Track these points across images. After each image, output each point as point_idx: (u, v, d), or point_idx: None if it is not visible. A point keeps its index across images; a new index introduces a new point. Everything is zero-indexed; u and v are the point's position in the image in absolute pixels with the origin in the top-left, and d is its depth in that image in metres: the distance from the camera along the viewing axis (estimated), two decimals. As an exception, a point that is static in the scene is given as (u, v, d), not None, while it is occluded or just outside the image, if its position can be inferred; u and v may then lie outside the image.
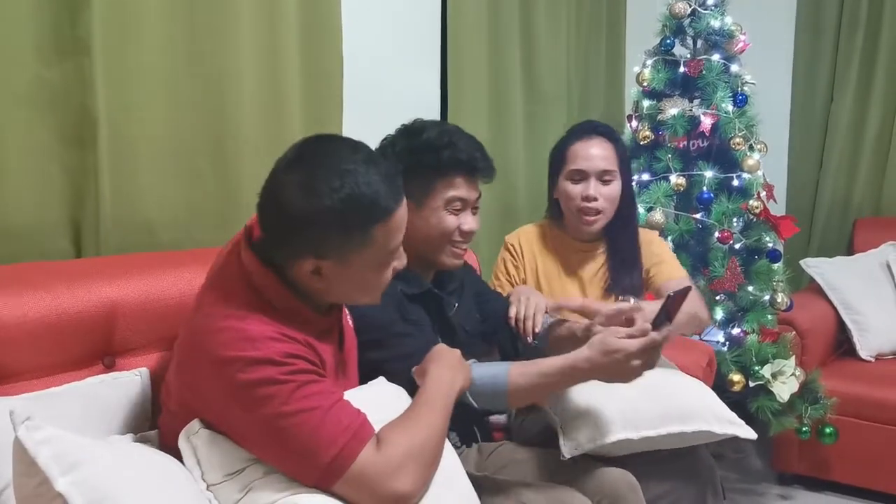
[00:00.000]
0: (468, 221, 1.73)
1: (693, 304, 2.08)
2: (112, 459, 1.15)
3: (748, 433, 1.83)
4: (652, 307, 1.57)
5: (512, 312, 1.89)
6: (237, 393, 1.21)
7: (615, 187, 2.11)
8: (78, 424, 1.34)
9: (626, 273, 2.16)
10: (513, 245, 2.25)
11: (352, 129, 2.40)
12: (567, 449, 1.72)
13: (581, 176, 2.10)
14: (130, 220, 1.85)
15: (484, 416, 1.63)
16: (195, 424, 1.27)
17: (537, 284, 2.19)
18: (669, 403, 1.78)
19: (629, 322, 1.55)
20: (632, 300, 1.74)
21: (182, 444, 1.28)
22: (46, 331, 1.45)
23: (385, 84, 2.63)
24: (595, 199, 2.09)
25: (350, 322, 1.57)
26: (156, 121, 1.89)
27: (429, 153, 1.67)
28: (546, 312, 1.90)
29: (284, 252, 1.29)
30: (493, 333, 1.94)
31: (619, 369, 1.47)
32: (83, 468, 1.08)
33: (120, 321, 1.56)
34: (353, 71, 2.43)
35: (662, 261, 2.22)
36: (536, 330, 1.84)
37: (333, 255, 1.26)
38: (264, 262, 1.30)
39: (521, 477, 1.76)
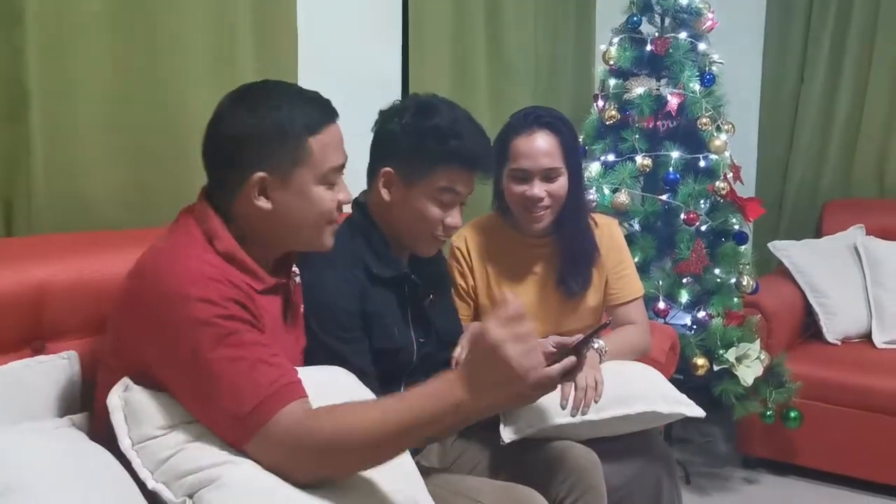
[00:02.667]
0: (455, 217, 1.68)
1: (640, 338, 2.06)
2: (16, 450, 1.11)
3: (696, 412, 1.82)
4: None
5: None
6: (170, 327, 1.20)
7: (561, 182, 1.96)
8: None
9: (578, 267, 2.04)
10: (459, 249, 2.08)
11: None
12: (506, 434, 1.69)
13: (524, 175, 1.95)
14: (67, 198, 1.76)
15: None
16: (126, 380, 1.25)
17: (488, 290, 2.05)
18: (612, 387, 1.75)
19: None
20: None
21: (112, 400, 1.24)
22: (-31, 313, 1.37)
23: (341, 57, 2.54)
24: (540, 199, 1.95)
25: (300, 299, 1.54)
26: (97, 94, 1.81)
27: (434, 138, 1.62)
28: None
29: (230, 180, 1.34)
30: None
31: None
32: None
33: (49, 304, 1.48)
34: (308, 44, 2.34)
35: (624, 275, 2.11)
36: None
37: (275, 170, 1.32)
38: (215, 211, 1.35)
39: (482, 462, 1.75)
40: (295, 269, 1.53)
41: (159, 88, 1.92)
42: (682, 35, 2.88)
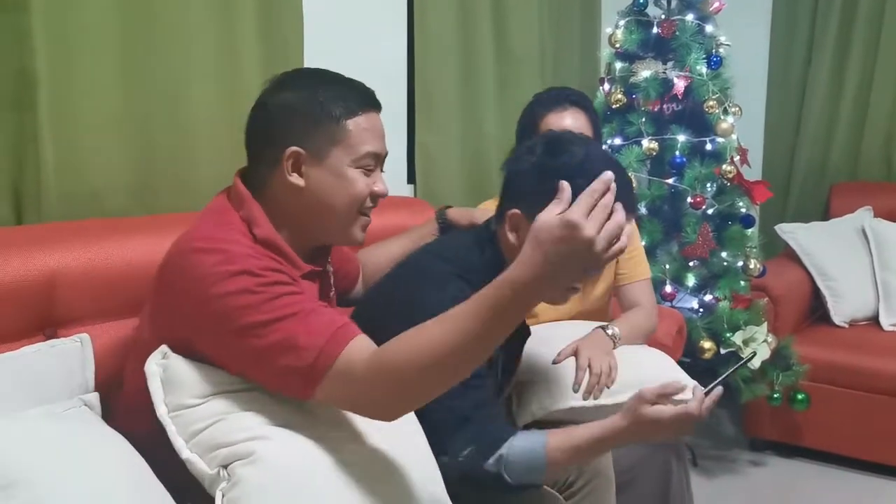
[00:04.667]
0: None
1: (648, 321, 2.08)
2: (20, 441, 1.11)
3: None
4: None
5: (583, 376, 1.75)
6: (215, 303, 1.20)
7: None
8: (6, 394, 1.29)
9: None
10: None
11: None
12: (520, 417, 1.70)
13: None
14: (76, 187, 1.76)
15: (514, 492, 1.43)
16: (164, 348, 1.25)
17: None
18: (625, 372, 1.76)
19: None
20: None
21: (150, 367, 1.24)
22: (-18, 300, 1.38)
23: (347, 49, 2.54)
24: None
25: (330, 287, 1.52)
26: (103, 82, 1.81)
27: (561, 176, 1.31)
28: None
29: (268, 155, 1.35)
30: None
31: (653, 435, 1.39)
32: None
33: (60, 291, 1.49)
34: (314, 33, 2.33)
35: (632, 256, 2.15)
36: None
37: (311, 146, 1.33)
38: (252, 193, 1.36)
39: None
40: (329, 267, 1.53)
41: (166, 78, 1.92)
42: (689, 17, 2.86)
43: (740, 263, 2.81)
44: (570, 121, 1.98)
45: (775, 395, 2.80)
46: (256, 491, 1.16)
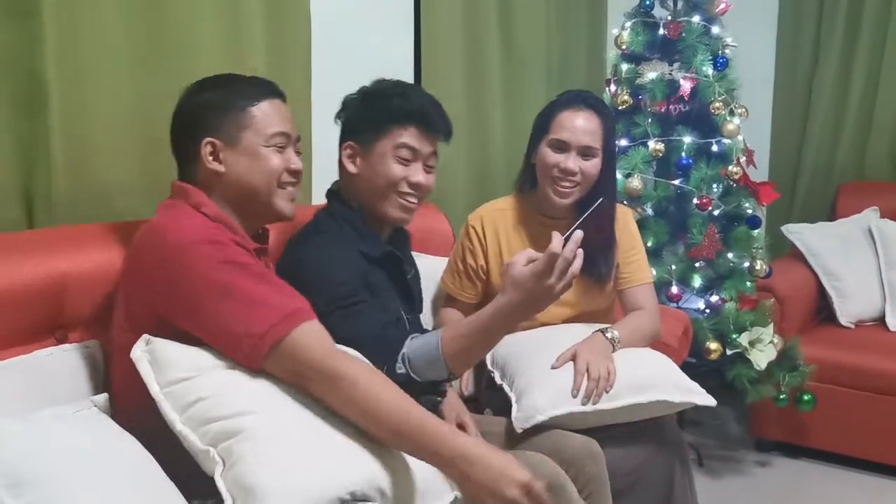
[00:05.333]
0: (416, 173, 1.73)
1: (651, 325, 2.04)
2: (29, 441, 1.12)
3: (707, 400, 1.83)
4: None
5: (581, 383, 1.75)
6: (185, 270, 1.31)
7: (595, 163, 1.98)
8: (19, 398, 1.32)
9: (601, 254, 2.03)
10: (474, 228, 2.10)
11: (320, 95, 2.34)
12: (519, 422, 1.71)
13: (562, 147, 1.97)
14: (86, 189, 1.78)
15: (431, 389, 1.59)
16: (146, 336, 1.32)
17: (501, 266, 2.04)
18: (624, 375, 1.77)
19: None
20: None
21: (135, 353, 1.30)
22: (-6, 304, 1.40)
23: (355, 46, 2.55)
24: (573, 174, 1.96)
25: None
26: (113, 85, 1.82)
27: (379, 99, 1.73)
28: None
29: (189, 151, 1.49)
30: None
31: (536, 295, 1.40)
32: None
33: (71, 294, 1.52)
34: (321, 35, 2.35)
35: (634, 259, 2.12)
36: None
37: (223, 134, 1.47)
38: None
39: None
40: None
41: (175, 79, 1.90)
42: (695, 18, 2.86)
43: (746, 264, 2.82)
44: (581, 121, 1.97)
45: (781, 396, 2.81)
46: (254, 466, 1.18)
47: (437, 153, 1.79)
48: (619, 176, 2.81)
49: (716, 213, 2.81)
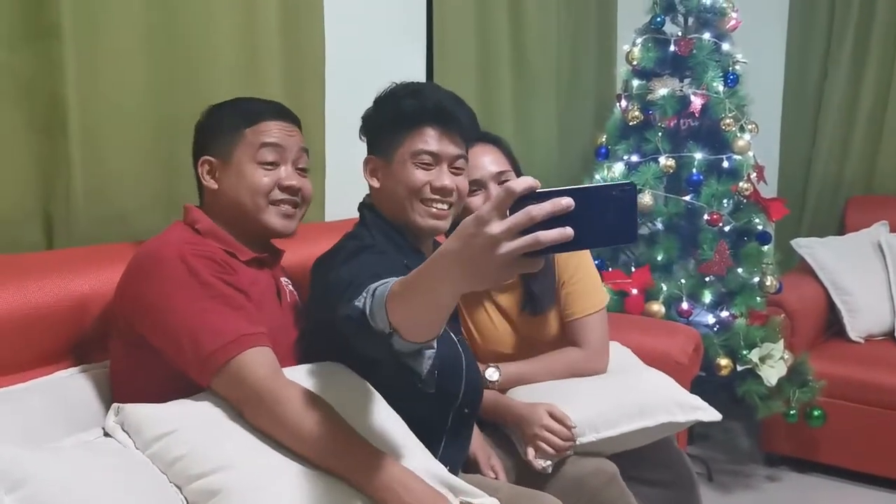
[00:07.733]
0: (440, 177, 1.57)
1: (579, 363, 1.87)
2: (63, 473, 1.11)
3: (712, 415, 1.80)
4: None
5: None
6: (156, 282, 1.37)
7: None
8: (40, 421, 1.33)
9: (538, 284, 1.88)
10: None
11: (334, 109, 2.37)
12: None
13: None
14: (104, 210, 1.80)
15: (380, 337, 1.18)
16: (114, 407, 1.33)
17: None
18: (627, 400, 1.75)
19: None
20: None
21: (108, 424, 1.32)
22: (14, 326, 1.41)
23: (368, 62, 2.57)
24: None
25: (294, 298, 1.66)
26: (131, 108, 1.84)
27: (391, 103, 1.61)
28: None
29: (196, 172, 1.58)
30: None
31: (476, 244, 0.90)
32: (30, 485, 1.05)
33: (91, 316, 1.52)
34: (335, 49, 2.37)
35: (573, 290, 1.90)
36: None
37: (218, 153, 1.55)
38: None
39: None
40: (286, 280, 1.67)
41: (193, 102, 1.94)
42: (706, 35, 2.89)
43: (756, 280, 2.82)
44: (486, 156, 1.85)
45: (791, 412, 2.81)
46: None
47: (465, 156, 1.63)
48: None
49: (726, 228, 2.82)
